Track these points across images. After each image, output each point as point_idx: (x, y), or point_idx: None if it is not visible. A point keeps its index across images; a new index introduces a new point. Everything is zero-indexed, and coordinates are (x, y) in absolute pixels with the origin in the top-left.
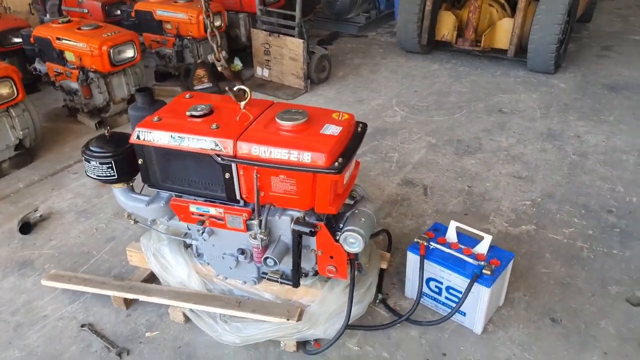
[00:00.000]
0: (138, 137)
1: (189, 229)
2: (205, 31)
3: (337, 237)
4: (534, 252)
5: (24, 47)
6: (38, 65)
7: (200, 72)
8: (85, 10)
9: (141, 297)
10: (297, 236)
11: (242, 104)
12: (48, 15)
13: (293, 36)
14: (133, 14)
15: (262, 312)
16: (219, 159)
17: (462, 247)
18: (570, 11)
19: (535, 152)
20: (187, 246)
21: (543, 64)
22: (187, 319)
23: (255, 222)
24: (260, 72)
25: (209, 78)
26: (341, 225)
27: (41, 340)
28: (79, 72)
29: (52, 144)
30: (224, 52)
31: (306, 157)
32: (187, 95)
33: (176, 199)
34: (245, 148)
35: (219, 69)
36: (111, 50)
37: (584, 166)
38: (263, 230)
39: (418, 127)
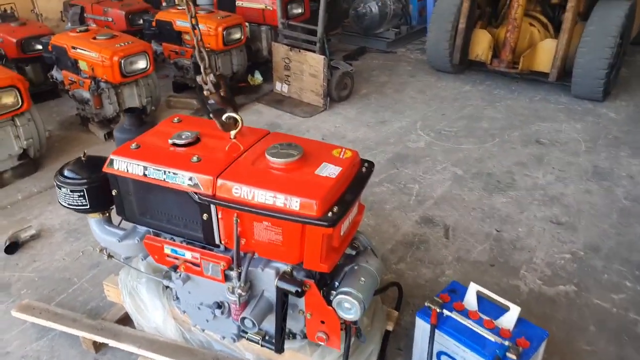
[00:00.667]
0: (112, 166)
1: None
2: (194, 48)
3: (331, 299)
4: (574, 322)
5: (43, 55)
6: (55, 73)
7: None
8: (110, 19)
9: (111, 342)
10: (282, 295)
11: (233, 133)
12: (69, 24)
13: (314, 52)
14: (154, 24)
15: None
16: (197, 197)
17: (483, 317)
18: (623, 33)
19: (578, 193)
20: (167, 287)
21: (590, 90)
22: None
23: (234, 273)
24: (280, 87)
25: (225, 92)
26: (336, 284)
27: None
28: (91, 82)
29: (60, 153)
30: (211, 76)
31: (294, 203)
32: (176, 119)
33: (150, 237)
34: (226, 187)
35: (205, 93)
36: (122, 61)
37: (639, 214)
38: (242, 285)
39: (444, 155)
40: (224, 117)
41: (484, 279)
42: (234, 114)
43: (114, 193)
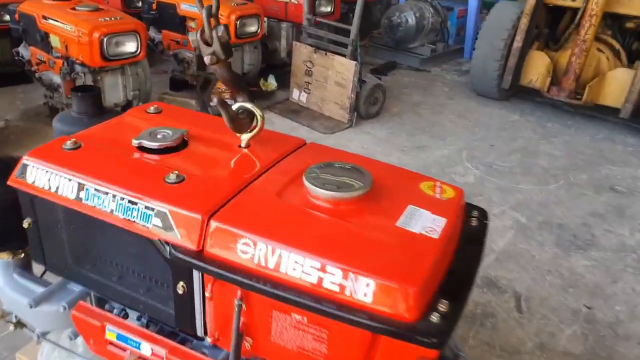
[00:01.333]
0: (24, 177)
1: None
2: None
3: None
4: None
5: (10, 27)
6: (22, 49)
7: (222, 85)
8: None
9: None
10: None
11: (245, 138)
12: None
13: (344, 56)
14: (154, 7)
15: None
16: (168, 252)
17: None
18: None
19: None
20: None
21: None
22: None
23: None
24: (297, 96)
25: (232, 95)
26: None
27: None
28: (63, 63)
29: (14, 149)
30: (221, 29)
31: (362, 288)
32: (152, 108)
33: (84, 306)
34: (224, 240)
35: (206, 60)
36: (105, 40)
37: None
38: None
39: (499, 195)
40: (234, 107)
41: None
42: (248, 105)
43: (26, 224)
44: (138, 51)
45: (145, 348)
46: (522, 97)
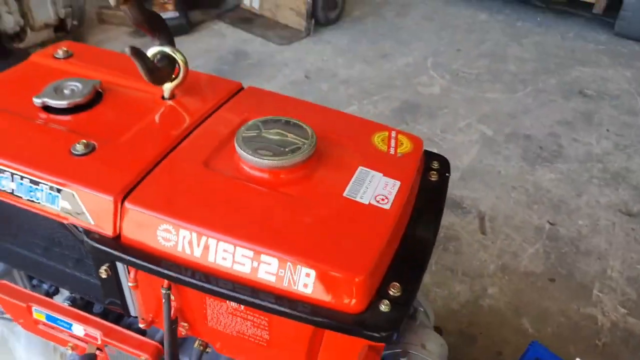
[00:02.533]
0: None
1: None
2: None
3: None
4: None
5: None
6: None
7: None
8: None
9: None
10: None
11: (167, 88)
12: None
13: None
14: None
15: None
16: (84, 238)
17: None
18: None
19: None
20: None
21: None
22: None
23: None
24: (249, 2)
25: (176, 5)
26: None
27: None
28: None
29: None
30: None
31: (302, 278)
32: (60, 52)
33: (6, 285)
34: (142, 225)
35: (111, 1)
36: None
37: None
38: None
39: (466, 106)
40: (149, 54)
41: (544, 304)
42: (167, 49)
43: None
44: None
45: (78, 329)
46: None
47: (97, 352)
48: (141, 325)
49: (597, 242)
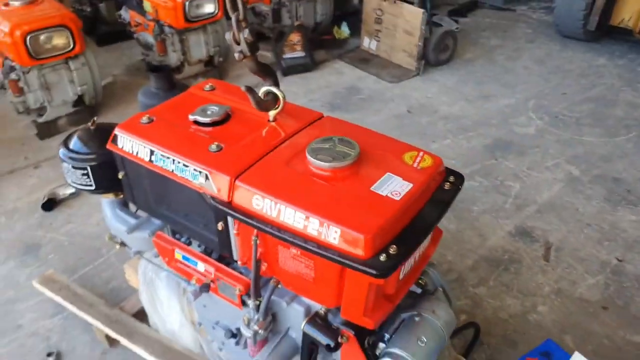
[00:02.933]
0: (115, 143)
1: None
2: None
3: (377, 355)
4: None
5: None
6: (123, 12)
7: (295, 37)
8: None
9: (123, 340)
10: (310, 342)
11: (271, 114)
12: None
13: (412, 3)
14: None
15: None
16: (210, 201)
17: None
18: None
19: None
20: None
21: None
22: None
23: (251, 303)
24: (368, 44)
25: (304, 46)
26: (386, 336)
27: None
28: (155, 25)
29: (120, 101)
30: (246, 32)
31: (332, 233)
32: (207, 86)
33: (161, 235)
34: (244, 195)
35: (236, 56)
36: (187, 4)
37: None
38: (261, 319)
39: (558, 147)
40: (260, 93)
41: (591, 327)
42: (273, 88)
43: (120, 176)
44: (216, 11)
45: (200, 266)
46: (616, 38)
47: (210, 284)
48: (239, 263)
49: None
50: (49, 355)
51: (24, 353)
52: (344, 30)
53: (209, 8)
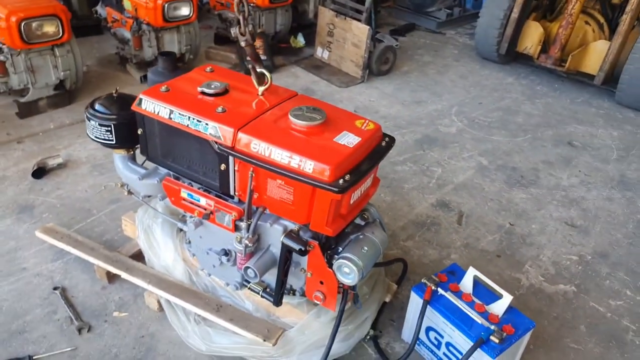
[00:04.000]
0: (140, 105)
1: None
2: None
3: (332, 263)
4: (567, 320)
5: None
6: (100, 8)
7: (257, 42)
8: None
9: (123, 274)
10: (286, 251)
11: (261, 89)
12: None
13: (360, 21)
14: None
15: (240, 324)
16: (217, 147)
17: (476, 301)
18: None
19: (599, 199)
20: (181, 230)
21: (635, 99)
22: (160, 308)
23: (243, 224)
24: (320, 53)
25: (265, 51)
26: (340, 249)
27: (11, 294)
28: (133, 22)
29: (95, 89)
30: (250, 26)
31: (308, 166)
32: (208, 69)
33: (169, 179)
34: (245, 141)
35: (242, 44)
36: (166, 5)
37: None
38: (250, 236)
39: (473, 143)
40: (254, 73)
41: (488, 268)
42: (263, 70)
43: (139, 132)
44: (191, 14)
45: (202, 201)
46: (522, 62)
47: (210, 215)
48: (235, 197)
49: (540, 239)
50: (54, 289)
51: (31, 289)
52: (300, 40)
53: (185, 11)
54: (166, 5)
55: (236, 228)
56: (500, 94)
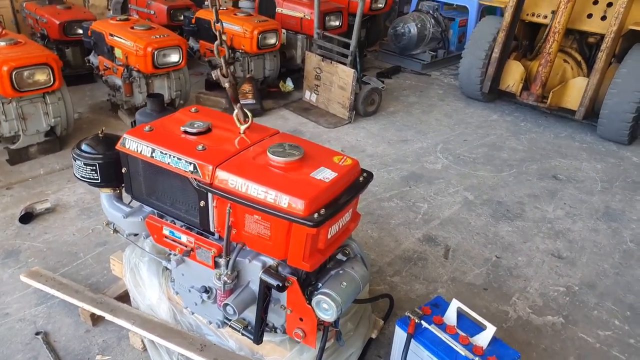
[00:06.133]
0: (124, 145)
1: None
2: (219, 44)
3: (312, 298)
4: (555, 352)
5: (83, 39)
6: (92, 57)
7: (246, 87)
8: (152, 12)
9: (107, 316)
10: (265, 287)
11: (242, 128)
12: (111, 12)
13: (345, 64)
14: (193, 21)
15: None
16: (196, 184)
17: (460, 333)
18: None
19: (585, 230)
20: (166, 268)
21: (615, 133)
22: (145, 347)
23: (222, 260)
24: (309, 96)
25: (254, 95)
26: (320, 285)
27: None
28: (124, 70)
29: (86, 134)
30: (232, 68)
31: (284, 200)
32: (193, 109)
33: (152, 217)
34: (223, 178)
35: (225, 85)
36: (156, 52)
37: None
38: (229, 272)
39: (458, 179)
40: (235, 113)
41: (474, 301)
42: (245, 110)
43: (123, 171)
44: (180, 61)
45: (183, 238)
46: (506, 100)
47: (191, 252)
48: (215, 233)
49: (527, 271)
50: (37, 334)
51: (13, 334)
52: (289, 84)
53: (175, 58)
54: (156, 52)
55: (216, 265)
56: (485, 131)
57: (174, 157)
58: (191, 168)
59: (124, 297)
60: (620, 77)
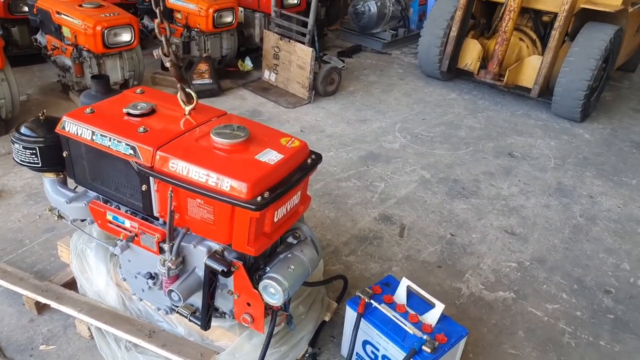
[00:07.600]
0: (63, 128)
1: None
2: (159, 21)
3: (258, 283)
4: (505, 327)
5: (28, 17)
6: (39, 36)
7: (203, 66)
8: None
9: (53, 304)
10: (210, 273)
11: (187, 109)
12: None
13: (304, 43)
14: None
15: (172, 350)
16: (136, 167)
17: (409, 311)
18: (608, 57)
19: (538, 207)
20: (114, 254)
21: (568, 110)
22: (92, 335)
23: (166, 246)
24: (268, 75)
25: (211, 75)
26: (267, 269)
27: None
28: (73, 50)
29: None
30: (173, 46)
31: (225, 183)
32: (138, 90)
33: (96, 202)
34: (164, 161)
35: (167, 64)
36: (106, 32)
37: (590, 232)
38: (173, 258)
39: (415, 158)
40: (179, 93)
41: (428, 279)
42: (189, 90)
43: (64, 155)
44: (132, 40)
45: (127, 223)
46: (465, 78)
47: (135, 237)
48: (158, 218)
49: (480, 248)
50: None
51: None
52: (247, 63)
53: (126, 37)
54: (106, 31)
55: (160, 250)
56: (444, 110)
57: (114, 139)
58: (131, 151)
59: (72, 285)
60: (572, 55)
